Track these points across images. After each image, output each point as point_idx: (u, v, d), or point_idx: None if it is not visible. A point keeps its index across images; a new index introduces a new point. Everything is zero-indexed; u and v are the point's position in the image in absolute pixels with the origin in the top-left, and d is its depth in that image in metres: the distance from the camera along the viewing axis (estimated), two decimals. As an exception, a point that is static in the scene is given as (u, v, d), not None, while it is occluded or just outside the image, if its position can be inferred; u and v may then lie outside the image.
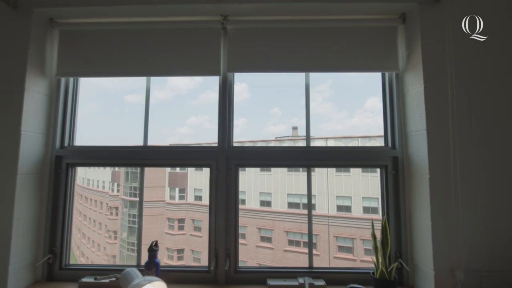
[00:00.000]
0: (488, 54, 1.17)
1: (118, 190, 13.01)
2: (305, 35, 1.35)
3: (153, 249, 1.23)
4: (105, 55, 1.37)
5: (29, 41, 1.25)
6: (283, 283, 1.22)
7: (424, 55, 1.19)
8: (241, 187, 1.37)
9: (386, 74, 1.39)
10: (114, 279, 1.21)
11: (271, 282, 1.23)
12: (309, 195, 1.40)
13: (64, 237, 1.32)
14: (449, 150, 1.13)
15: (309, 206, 1.39)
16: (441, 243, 1.11)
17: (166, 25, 1.36)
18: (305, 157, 1.38)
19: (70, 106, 1.40)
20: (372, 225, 1.20)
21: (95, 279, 1.20)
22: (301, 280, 1.22)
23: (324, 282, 1.22)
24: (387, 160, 1.32)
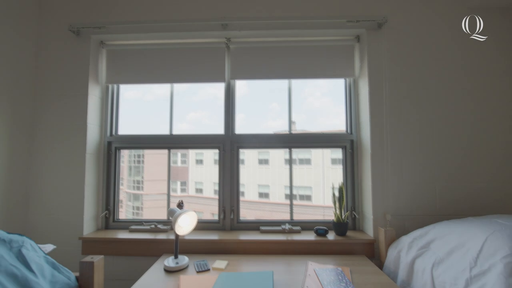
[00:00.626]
0: (412, 66, 1.71)
1: (122, 184, 13.64)
2: (287, 52, 1.88)
3: (180, 205, 1.79)
4: (139, 68, 1.90)
5: (89, 58, 1.79)
6: (271, 228, 1.79)
7: (369, 67, 1.74)
8: (240, 180, 1.90)
9: (347, 79, 1.93)
10: (153, 225, 1.78)
11: (263, 228, 1.79)
12: (291, 169, 1.95)
13: (115, 199, 1.89)
14: (383, 134, 1.69)
15: (291, 170, 1.94)
16: (377, 197, 1.67)
17: (185, 45, 1.89)
18: (287, 140, 1.93)
19: (117, 104, 1.95)
20: (332, 187, 1.76)
21: (142, 224, 1.76)
22: (283, 226, 1.78)
23: (300, 228, 1.79)
24: (346, 142, 1.88)
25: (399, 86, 1.71)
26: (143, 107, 2.17)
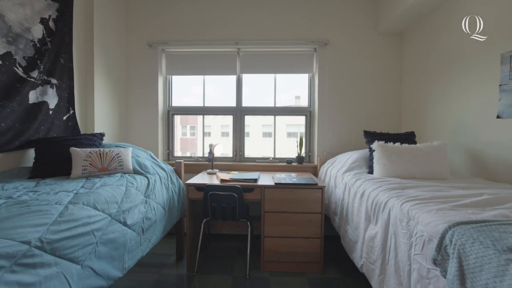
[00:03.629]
0: (342, 68, 3.11)
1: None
2: (274, 57, 3.27)
3: (212, 145, 3.31)
4: (185, 65, 3.32)
5: (157, 61, 3.23)
6: (262, 160, 3.30)
7: (319, 67, 3.14)
8: (246, 152, 3.38)
9: (309, 74, 3.34)
10: (196, 158, 3.31)
11: (258, 160, 3.31)
12: (274, 128, 3.42)
13: (174, 143, 3.41)
14: (324, 107, 3.13)
15: (274, 128, 3.43)
16: (320, 143, 3.15)
17: (213, 52, 3.29)
18: (274, 110, 3.39)
19: (171, 87, 3.42)
20: (297, 138, 3.24)
21: (191, 157, 3.30)
22: (269, 159, 3.30)
23: (278, 160, 3.30)
24: (307, 112, 3.33)
25: (335, 79, 3.13)
26: (186, 88, 3.62)
